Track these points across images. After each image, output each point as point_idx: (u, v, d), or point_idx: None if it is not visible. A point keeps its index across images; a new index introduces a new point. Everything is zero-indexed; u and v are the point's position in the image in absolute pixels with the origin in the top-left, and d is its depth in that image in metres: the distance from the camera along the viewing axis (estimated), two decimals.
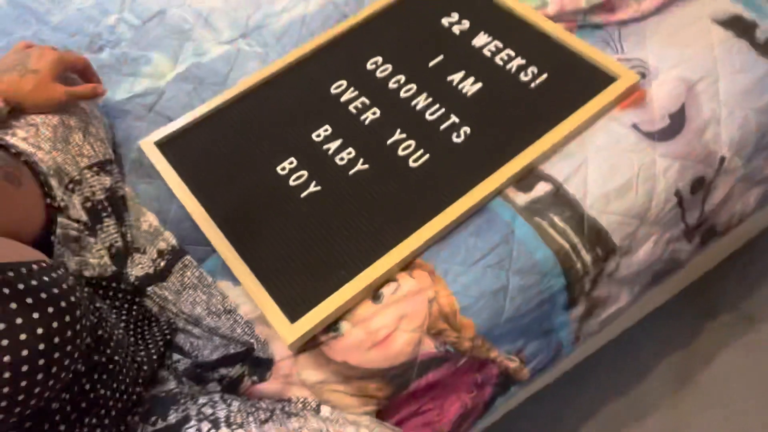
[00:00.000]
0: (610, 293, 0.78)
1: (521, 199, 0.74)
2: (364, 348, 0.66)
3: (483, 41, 0.88)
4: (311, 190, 0.76)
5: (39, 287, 0.40)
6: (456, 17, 0.92)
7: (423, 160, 0.77)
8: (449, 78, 0.85)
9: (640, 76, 0.81)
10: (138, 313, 0.69)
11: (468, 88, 0.83)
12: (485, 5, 0.92)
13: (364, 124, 0.82)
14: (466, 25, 0.90)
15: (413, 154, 0.78)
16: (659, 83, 0.81)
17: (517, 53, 0.86)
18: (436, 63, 0.87)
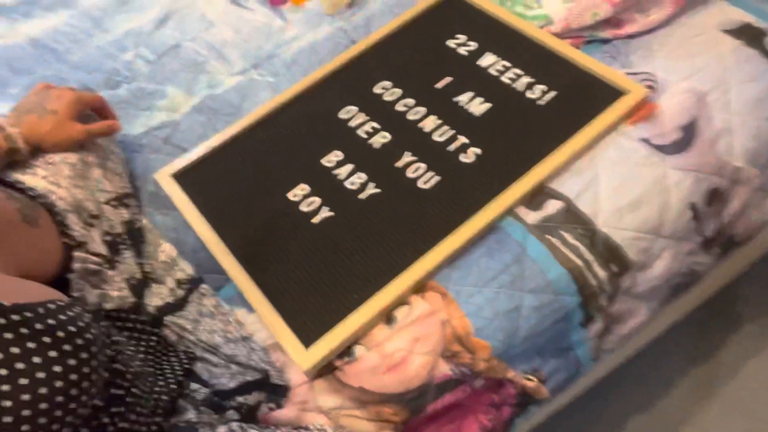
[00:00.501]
0: (628, 309, 0.78)
1: (532, 218, 0.74)
2: (379, 372, 0.66)
3: (490, 61, 0.89)
4: (323, 215, 0.77)
5: (56, 326, 0.41)
6: (462, 39, 0.93)
7: (433, 181, 0.78)
8: (457, 99, 0.86)
9: (648, 89, 0.81)
10: (157, 344, 0.70)
11: (476, 108, 0.84)
12: (491, 26, 0.93)
13: (373, 147, 0.83)
14: (472, 46, 0.91)
15: (423, 175, 0.79)
16: (669, 96, 0.81)
17: (525, 72, 0.86)
18: (443, 85, 0.88)
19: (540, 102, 0.83)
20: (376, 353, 0.67)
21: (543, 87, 0.84)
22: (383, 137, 0.84)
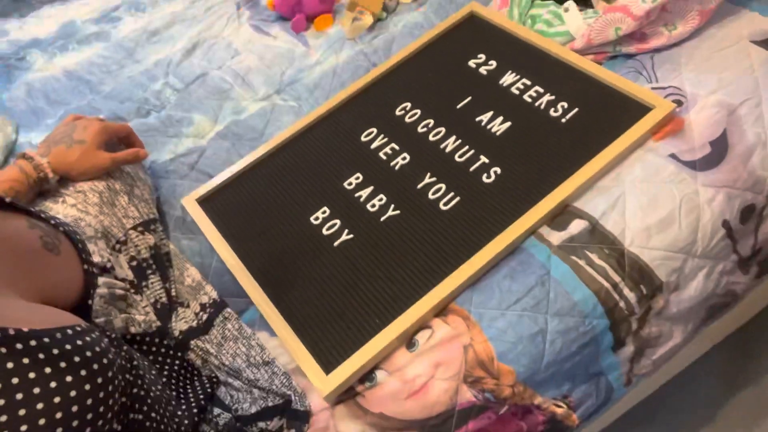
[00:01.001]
0: (661, 332, 0.75)
1: (556, 238, 0.72)
2: (400, 398, 0.65)
3: (511, 80, 0.88)
4: (344, 238, 0.77)
5: (72, 351, 0.41)
6: (483, 58, 0.92)
7: (454, 202, 0.77)
8: (478, 118, 0.85)
9: (676, 104, 0.79)
10: (180, 368, 0.71)
11: (497, 127, 0.83)
12: (511, 44, 0.92)
13: (394, 169, 0.83)
14: (493, 65, 0.91)
15: (444, 197, 0.78)
16: (697, 110, 0.78)
17: (546, 89, 0.85)
18: (464, 104, 0.87)
19: (563, 120, 0.81)
20: (397, 378, 0.66)
21: (565, 104, 0.83)
22: (404, 159, 0.83)
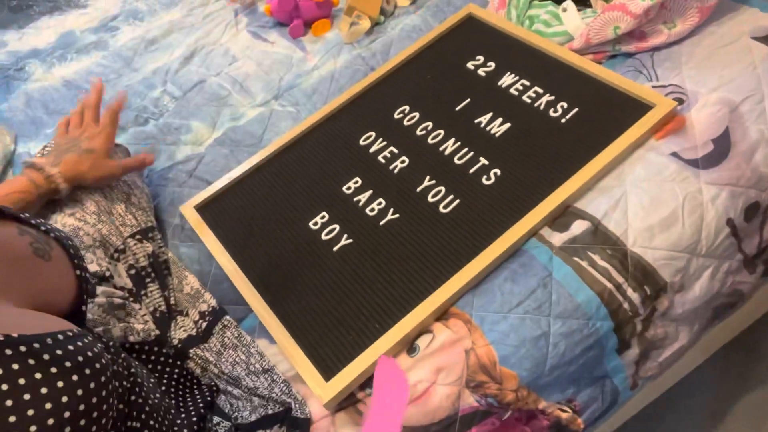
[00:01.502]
0: (666, 333, 0.73)
1: (558, 240, 0.71)
2: None
3: (509, 81, 0.87)
4: (343, 243, 0.77)
5: (64, 356, 0.41)
6: (481, 60, 0.92)
7: (453, 205, 0.76)
8: (477, 120, 0.84)
9: (677, 102, 0.78)
10: (180, 377, 0.70)
11: (496, 129, 0.82)
12: (510, 45, 0.91)
13: (393, 173, 0.82)
14: (491, 67, 0.90)
15: (443, 199, 0.77)
16: (699, 108, 0.77)
17: (545, 90, 0.84)
18: (462, 106, 0.87)
19: (562, 120, 0.81)
20: None
21: (565, 104, 0.82)
22: (402, 162, 0.83)
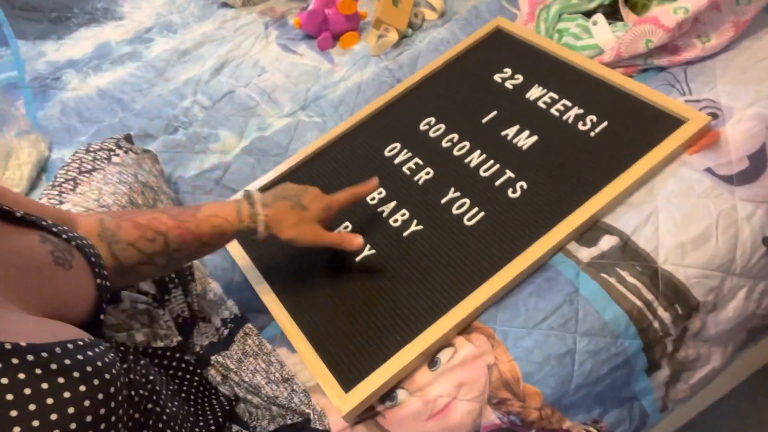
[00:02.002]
0: (698, 354, 0.71)
1: (585, 255, 0.70)
2: (421, 419, 0.63)
3: (537, 94, 0.86)
4: (366, 253, 0.76)
5: (72, 366, 0.40)
6: (509, 72, 0.91)
7: (478, 218, 0.75)
8: (503, 133, 0.83)
9: (711, 117, 0.76)
10: (200, 384, 0.70)
11: (523, 141, 0.81)
12: (538, 58, 0.90)
13: (417, 184, 0.81)
14: (519, 79, 0.89)
15: (468, 212, 0.76)
16: (734, 123, 0.75)
17: (574, 103, 0.83)
18: (489, 119, 0.86)
19: (591, 133, 0.79)
20: (418, 398, 0.64)
21: (594, 118, 0.80)
22: (427, 173, 0.82)
